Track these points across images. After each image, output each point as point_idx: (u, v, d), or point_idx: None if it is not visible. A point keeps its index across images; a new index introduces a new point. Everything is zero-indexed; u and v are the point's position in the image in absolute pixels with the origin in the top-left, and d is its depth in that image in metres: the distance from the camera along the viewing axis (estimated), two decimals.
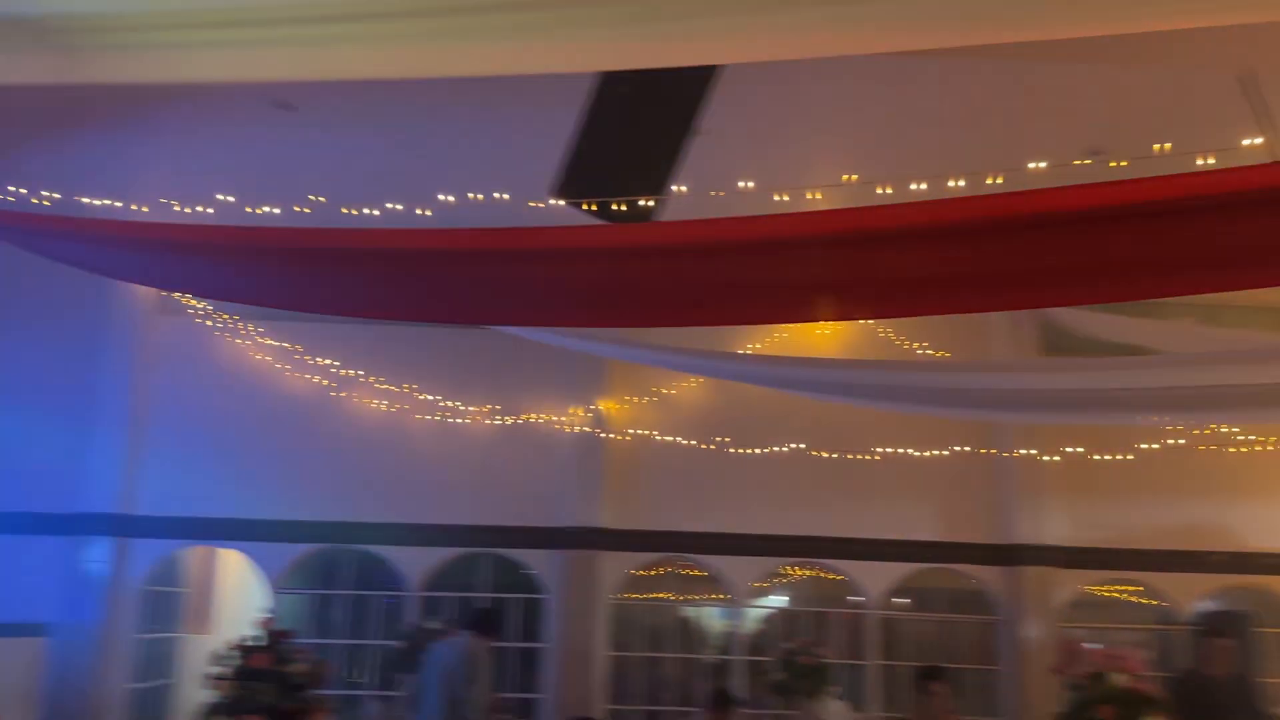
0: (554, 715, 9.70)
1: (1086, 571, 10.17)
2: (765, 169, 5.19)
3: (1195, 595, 10.14)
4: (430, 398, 10.08)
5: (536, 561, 10.24)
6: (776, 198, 4.33)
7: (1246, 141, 3.79)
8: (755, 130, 6.75)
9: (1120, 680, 5.29)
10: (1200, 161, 3.64)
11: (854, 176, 4.09)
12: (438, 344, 10.19)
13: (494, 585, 10.34)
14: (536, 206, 4.66)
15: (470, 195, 4.67)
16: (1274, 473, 9.94)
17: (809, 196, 4.33)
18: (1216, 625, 8.58)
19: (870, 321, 10.24)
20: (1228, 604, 10.04)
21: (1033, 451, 9.80)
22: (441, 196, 4.59)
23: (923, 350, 10.09)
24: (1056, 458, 9.70)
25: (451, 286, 4.44)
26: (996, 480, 10.22)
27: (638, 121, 5.94)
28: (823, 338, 10.39)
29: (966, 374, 7.75)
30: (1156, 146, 3.68)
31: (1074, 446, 9.58)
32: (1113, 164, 3.62)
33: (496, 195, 4.62)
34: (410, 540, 10.10)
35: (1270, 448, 9.40)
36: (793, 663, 9.14)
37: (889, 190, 4.09)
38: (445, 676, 6.93)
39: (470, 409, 10.14)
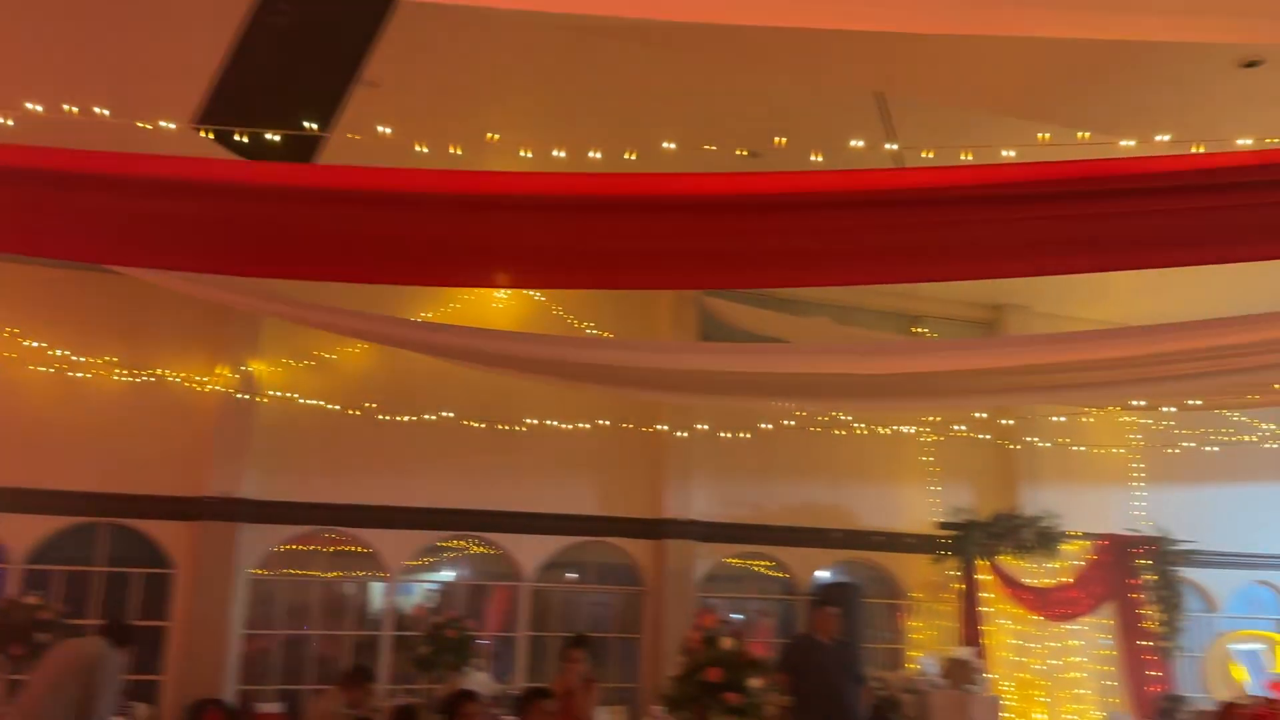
0: (177, 697, 8.94)
1: (724, 545, 10.86)
2: (419, 122, 4.97)
3: (816, 568, 11.13)
4: (38, 345, 8.88)
5: (164, 533, 9.37)
6: (417, 148, 4.15)
7: (854, 142, 4.09)
8: (414, 83, 6.48)
9: (727, 644, 5.65)
10: (813, 158, 3.89)
11: (496, 136, 3.99)
12: (49, 283, 9.05)
13: (111, 558, 9.34)
14: (145, 128, 4.13)
15: (65, 107, 4.06)
16: (883, 461, 11.17)
17: (451, 151, 4.19)
18: (827, 595, 9.51)
19: (542, 298, 10.31)
20: (840, 576, 11.12)
21: (664, 427, 10.31)
22: (29, 105, 3.95)
23: (590, 329, 10.28)
24: (686, 434, 10.29)
25: (33, 212, 3.84)
26: (647, 457, 10.64)
27: (295, 55, 5.50)
28: (496, 311, 10.33)
29: (628, 352, 7.95)
30: (777, 140, 3.89)
31: (701, 424, 10.19)
32: (739, 153, 3.78)
33: (96, 110, 4.04)
34: (14, 507, 8.94)
35: (864, 432, 10.54)
36: (439, 636, 9.02)
37: (529, 154, 4.03)
38: (71, 678, 6.26)
39: (88, 360, 9.04)
